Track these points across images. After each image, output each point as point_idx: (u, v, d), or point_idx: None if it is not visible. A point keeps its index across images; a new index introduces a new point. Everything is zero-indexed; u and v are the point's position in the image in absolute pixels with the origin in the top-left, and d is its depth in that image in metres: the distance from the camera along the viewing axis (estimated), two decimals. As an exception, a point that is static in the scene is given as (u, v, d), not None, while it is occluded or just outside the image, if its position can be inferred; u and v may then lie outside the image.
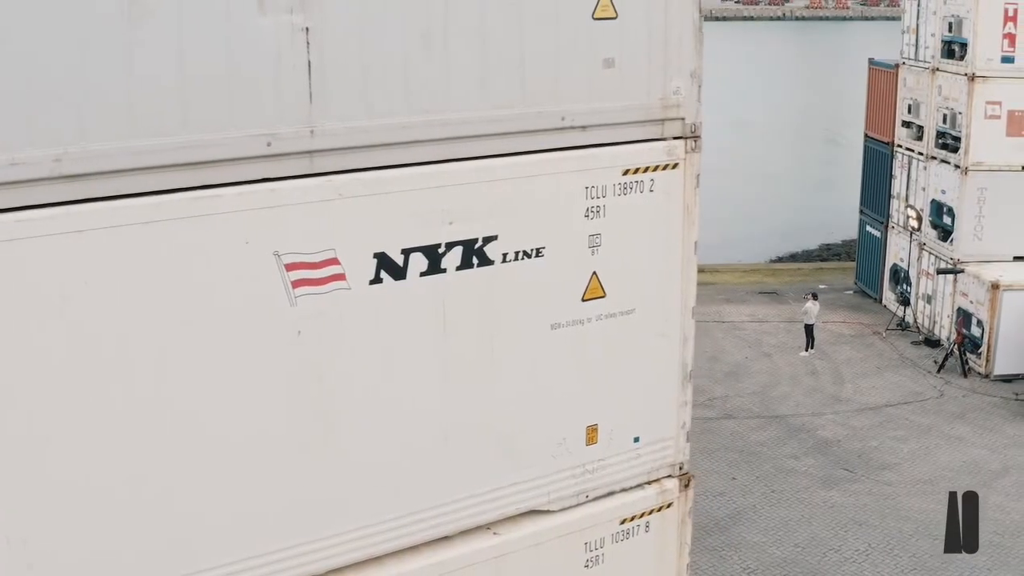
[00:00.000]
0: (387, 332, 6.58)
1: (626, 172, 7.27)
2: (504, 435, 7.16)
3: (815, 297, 26.04)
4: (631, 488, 7.91)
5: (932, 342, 25.67)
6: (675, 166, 7.48)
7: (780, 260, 40.05)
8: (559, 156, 6.99)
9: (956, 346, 24.10)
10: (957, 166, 24.93)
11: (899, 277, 27.89)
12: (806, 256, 40.38)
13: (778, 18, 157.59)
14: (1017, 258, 24.80)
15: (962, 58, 24.56)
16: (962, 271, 24.69)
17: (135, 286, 5.69)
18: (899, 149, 27.93)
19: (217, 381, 6.04)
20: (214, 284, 5.95)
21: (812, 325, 25.60)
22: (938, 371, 24.24)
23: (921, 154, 26.74)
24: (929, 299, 26.41)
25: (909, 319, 27.11)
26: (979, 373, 23.89)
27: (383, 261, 6.46)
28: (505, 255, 6.86)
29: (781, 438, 20.96)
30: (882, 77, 28.89)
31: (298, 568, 6.47)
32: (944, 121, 25.43)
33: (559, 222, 7.05)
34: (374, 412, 6.63)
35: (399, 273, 6.53)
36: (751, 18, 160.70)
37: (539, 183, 6.97)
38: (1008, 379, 23.23)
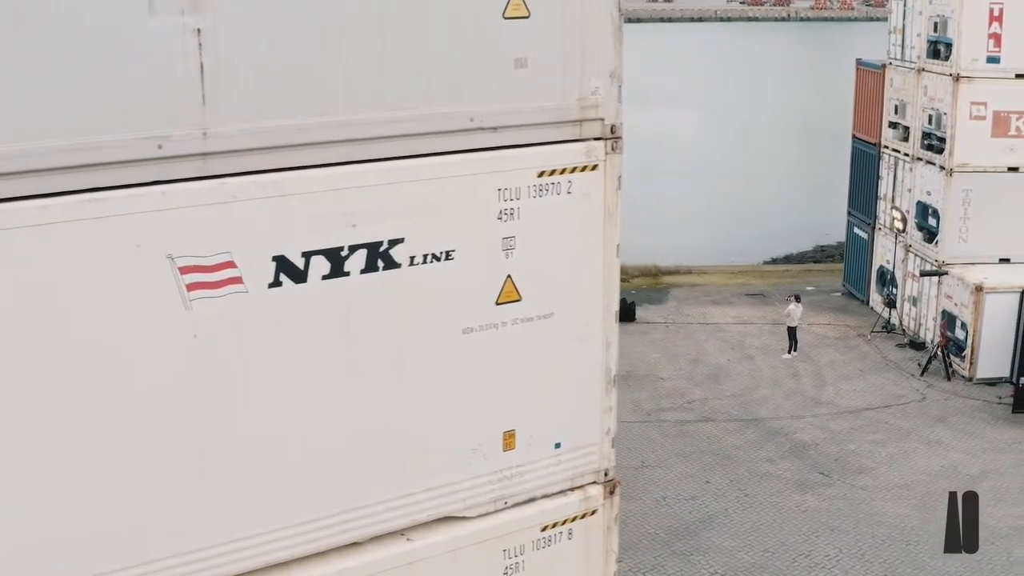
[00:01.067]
0: (289, 335, 6.46)
1: (542, 174, 7.13)
2: (415, 440, 7.03)
3: (798, 299, 25.88)
4: (553, 495, 7.77)
5: (917, 345, 25.48)
6: (595, 167, 7.33)
7: (774, 261, 39.85)
8: (469, 158, 6.85)
9: (939, 349, 23.91)
10: (942, 167, 24.75)
11: (885, 279, 27.70)
12: (800, 257, 40.20)
13: (783, 19, 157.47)
14: (1003, 260, 24.62)
15: (947, 58, 24.38)
16: (946, 273, 24.51)
17: (22, 290, 5.60)
18: (886, 150, 27.76)
19: (110, 385, 5.95)
20: (105, 287, 5.86)
21: (795, 327, 25.44)
22: (921, 374, 24.06)
23: (907, 155, 26.57)
24: (915, 301, 26.23)
25: (895, 321, 26.92)
26: (963, 376, 23.70)
27: (282, 264, 6.33)
28: (412, 258, 6.72)
29: (758, 441, 20.81)
30: (869, 78, 28.72)
31: (200, 573, 6.39)
32: (929, 122, 25.26)
33: (470, 225, 6.91)
34: (276, 416, 6.50)
35: (299, 276, 6.41)
36: (756, 19, 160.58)
37: (448, 185, 6.83)
38: (991, 382, 23.03)
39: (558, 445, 7.69)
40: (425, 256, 6.83)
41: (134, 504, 6.12)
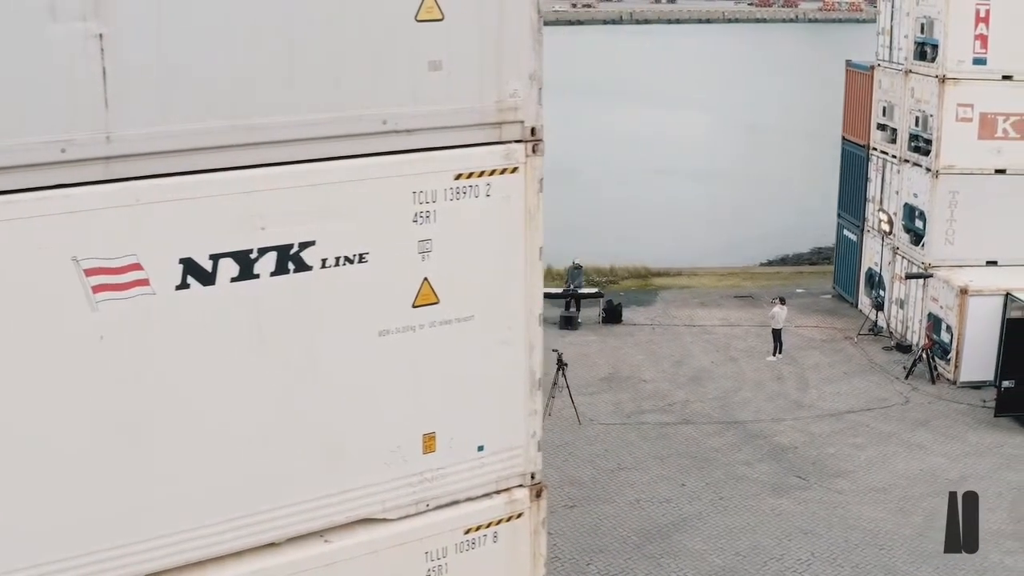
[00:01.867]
0: (198, 337, 6.47)
1: (459, 176, 7.11)
2: (332, 442, 7.02)
3: (782, 301, 25.81)
4: (477, 497, 7.76)
5: (904, 347, 25.38)
6: (515, 170, 7.32)
7: (770, 263, 39.75)
8: (382, 160, 6.84)
9: (924, 351, 23.80)
10: (928, 169, 24.64)
11: (874, 281, 27.60)
12: (796, 259, 40.09)
13: (791, 20, 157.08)
14: (990, 263, 24.50)
15: (933, 60, 24.28)
16: (931, 276, 24.40)
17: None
18: (874, 152, 27.67)
19: (15, 387, 5.98)
20: (10, 289, 5.89)
21: (780, 329, 25.37)
22: (906, 377, 23.96)
23: (895, 157, 26.47)
24: (902, 304, 26.12)
25: (882, 324, 26.82)
26: (948, 379, 23.59)
27: (190, 266, 6.35)
28: (324, 261, 6.72)
29: (736, 444, 20.75)
30: (858, 79, 28.63)
31: (113, 571, 6.41)
32: (916, 124, 25.15)
33: (384, 227, 6.90)
34: (186, 417, 6.52)
35: (208, 279, 6.41)
36: (764, 20, 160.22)
37: (361, 188, 6.83)
38: (976, 386, 22.92)
39: (481, 448, 7.67)
40: (338, 259, 6.82)
41: (41, 505, 6.16)
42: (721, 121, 73.01)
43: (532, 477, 7.97)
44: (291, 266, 6.70)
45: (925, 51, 24.65)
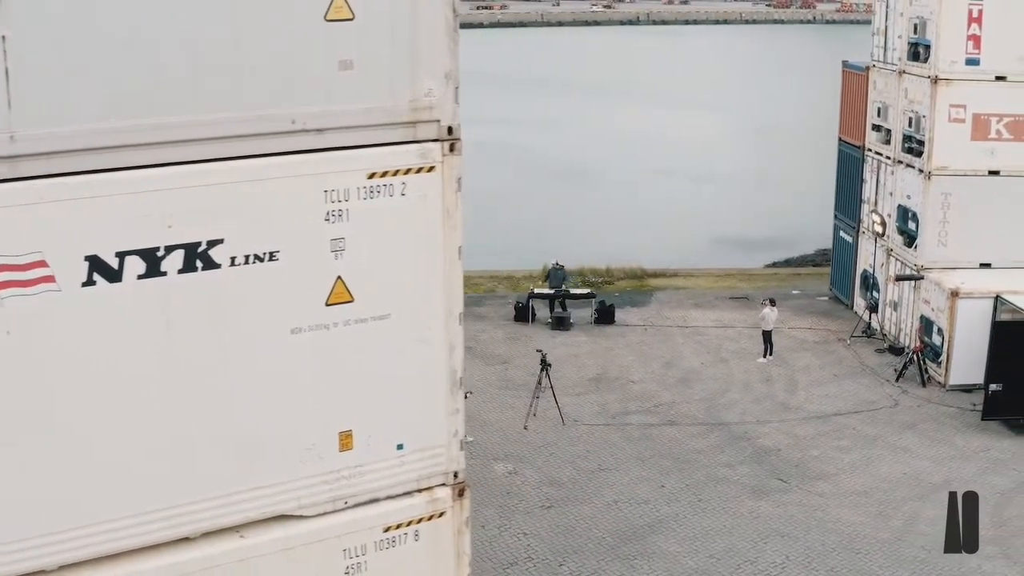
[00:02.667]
0: (105, 333, 6.55)
1: (372, 175, 7.16)
2: (244, 439, 7.08)
3: (772, 303, 25.66)
4: (397, 496, 7.81)
5: (897, 350, 25.18)
6: (431, 169, 7.36)
7: (776, 265, 39.55)
8: (292, 160, 6.90)
9: (915, 354, 23.63)
10: (921, 170, 24.46)
11: (868, 283, 27.42)
12: (800, 261, 39.85)
13: (808, 21, 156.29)
14: (983, 265, 24.29)
15: (926, 60, 24.09)
16: (922, 278, 24.21)
17: None
18: (869, 153, 27.48)
19: (-80, 382, 6.08)
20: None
21: (770, 331, 25.24)
22: (896, 380, 23.78)
23: (889, 158, 26.28)
24: (896, 306, 25.94)
25: (876, 326, 26.64)
26: (939, 382, 23.40)
27: (95, 264, 6.43)
28: (234, 259, 6.78)
29: (720, 446, 20.66)
30: (854, 80, 28.45)
31: (28, 562, 6.49)
32: (910, 125, 24.97)
33: (295, 226, 6.95)
34: (94, 412, 6.60)
35: (114, 276, 6.49)
36: (781, 21, 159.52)
37: (270, 187, 6.87)
38: (967, 389, 22.70)
39: (401, 446, 7.71)
40: (247, 257, 6.88)
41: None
42: (733, 122, 72.67)
43: (455, 476, 8.01)
44: (199, 264, 6.76)
45: (918, 51, 24.46)
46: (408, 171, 7.27)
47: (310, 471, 7.38)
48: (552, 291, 28.20)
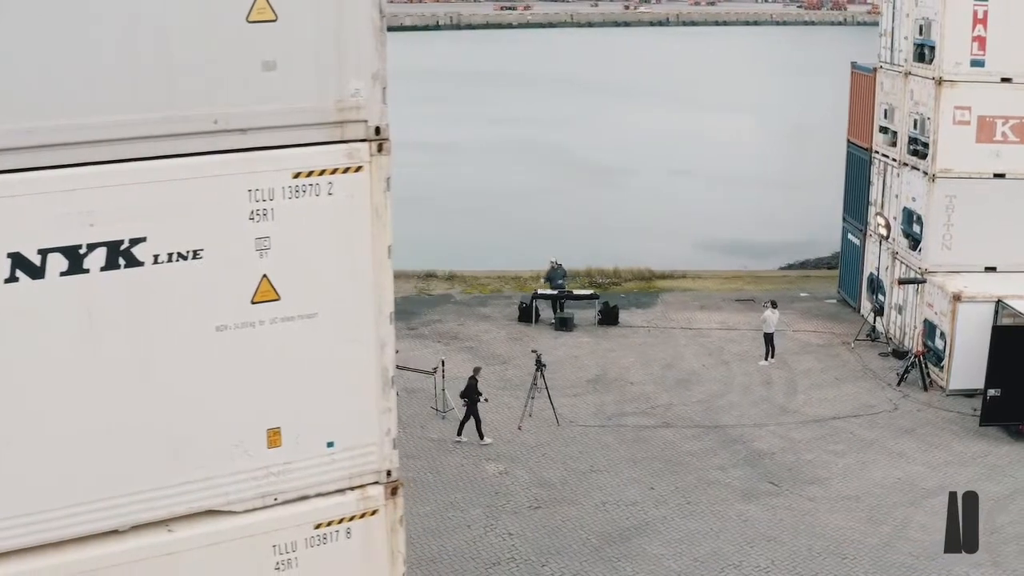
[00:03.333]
0: (28, 329, 6.65)
1: (298, 175, 7.20)
2: (170, 434, 7.14)
3: (774, 305, 25.50)
4: (328, 493, 7.85)
5: (901, 354, 24.93)
6: (359, 169, 7.40)
7: (791, 267, 39.29)
8: (215, 159, 6.94)
9: (917, 358, 23.38)
10: (925, 173, 24.20)
11: (875, 286, 27.17)
12: (816, 263, 39.52)
13: (839, 23, 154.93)
14: (988, 269, 23.99)
15: (931, 62, 23.82)
16: (924, 281, 23.96)
17: None
18: (876, 155, 27.23)
19: None
20: None
21: (771, 334, 25.08)
22: (898, 384, 23.55)
23: (895, 160, 26.03)
24: (900, 310, 25.67)
25: (881, 329, 26.39)
26: (941, 387, 23.15)
27: (18, 261, 6.52)
28: (157, 256, 6.84)
29: (713, 449, 20.56)
30: (862, 81, 28.19)
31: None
32: (915, 126, 24.71)
33: (218, 225, 7.00)
34: (20, 407, 6.70)
35: (36, 273, 6.58)
36: (812, 23, 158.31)
37: (193, 186, 6.94)
38: (969, 394, 22.41)
39: (331, 444, 7.75)
40: (171, 255, 6.94)
41: None
42: (761, 124, 72.26)
43: (388, 474, 8.03)
44: (122, 261, 6.83)
45: (923, 53, 24.20)
46: (335, 171, 7.30)
47: (238, 467, 7.42)
48: (555, 292, 28.22)
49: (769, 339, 25.09)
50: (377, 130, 7.42)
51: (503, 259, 34.50)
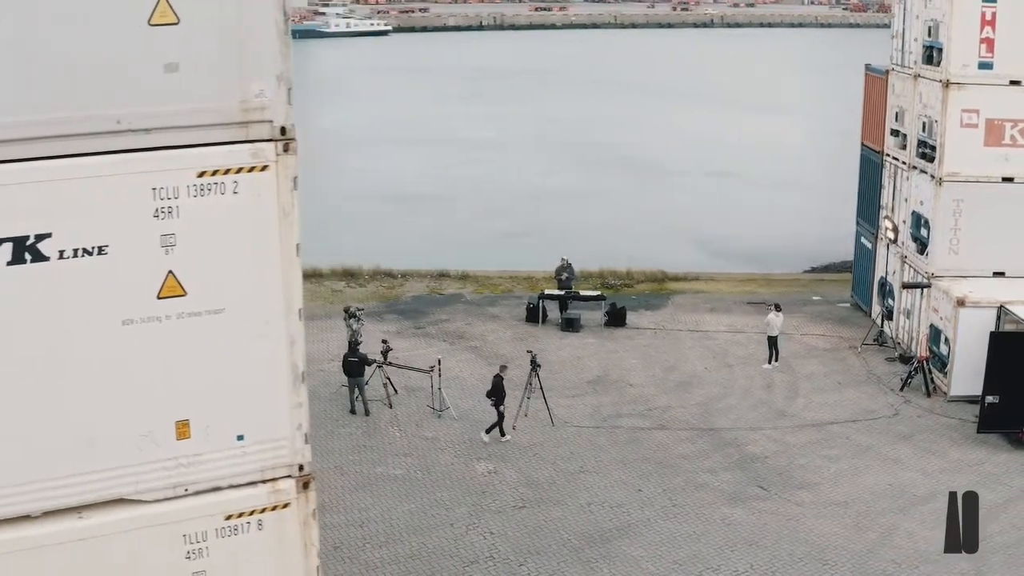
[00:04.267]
0: (-66, 322, 6.93)
1: (202, 174, 7.40)
2: (79, 424, 7.37)
3: (778, 308, 25.30)
4: (239, 485, 8.03)
5: (907, 359, 24.60)
6: (264, 168, 7.58)
7: (813, 270, 38.89)
8: (118, 158, 7.18)
9: (921, 363, 23.09)
10: (933, 176, 23.88)
11: (885, 290, 26.86)
12: (840, 267, 39.07)
13: (884, 25, 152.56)
14: (997, 274, 23.61)
15: (939, 64, 23.51)
16: (929, 285, 23.65)
17: None
18: (887, 158, 26.91)
19: None
20: None
21: (776, 337, 24.90)
22: (901, 389, 23.27)
23: (905, 163, 25.71)
24: (909, 314, 25.35)
25: (890, 333, 26.07)
26: (944, 393, 22.82)
27: (-75, 255, 6.83)
28: (62, 252, 7.09)
29: (706, 452, 20.48)
30: (875, 84, 27.87)
31: None
32: (923, 129, 24.40)
33: (123, 221, 7.23)
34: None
35: (-58, 267, 6.88)
36: (857, 25, 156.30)
37: (97, 184, 7.16)
38: (972, 400, 22.05)
39: (241, 437, 7.93)
40: (76, 250, 7.18)
41: None
42: (797, 125, 71.54)
43: (300, 468, 8.19)
44: (28, 256, 7.08)
45: (932, 55, 23.88)
46: (240, 170, 7.49)
47: (147, 457, 7.64)
48: (562, 292, 28.28)
49: (773, 342, 24.91)
50: (283, 130, 7.60)
51: (520, 259, 34.57)
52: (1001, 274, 23.57)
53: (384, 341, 22.94)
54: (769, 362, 24.87)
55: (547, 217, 44.32)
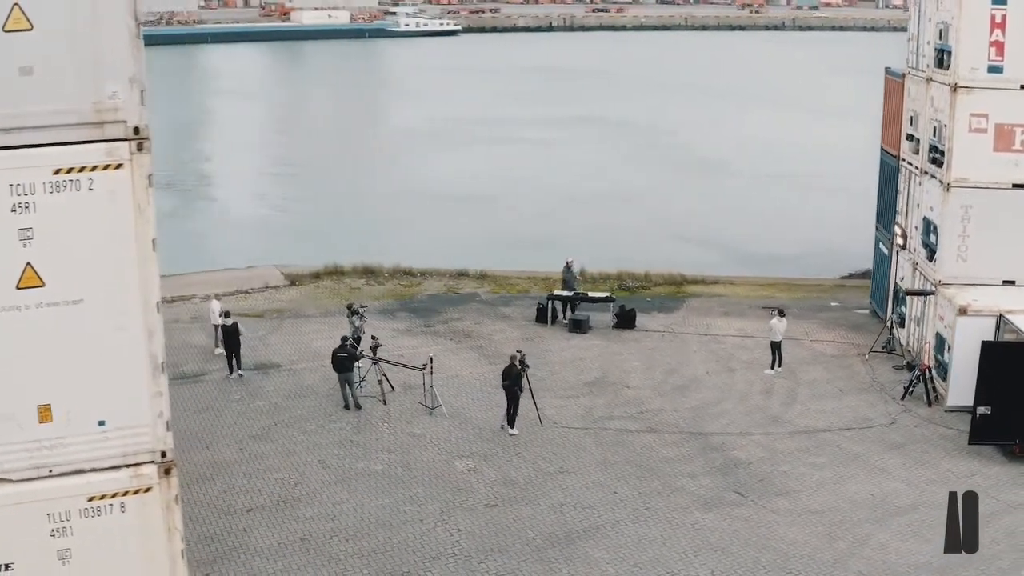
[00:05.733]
0: None
1: (58, 171, 7.82)
2: (-59, 407, 7.86)
3: (781, 313, 25.02)
4: (102, 469, 8.44)
5: (914, 367, 24.10)
6: (119, 166, 7.96)
7: (850, 276, 38.24)
8: (-27, 156, 7.63)
9: (922, 372, 22.63)
10: (942, 182, 23.37)
11: (898, 297, 26.36)
12: (865, 274, 38.32)
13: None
14: (1007, 282, 23.01)
15: (949, 67, 23.00)
16: (932, 293, 23.15)
17: None
18: (903, 163, 26.40)
19: None
20: None
21: (779, 342, 24.63)
22: (902, 398, 22.84)
23: (917, 168, 25.20)
24: (919, 321, 24.84)
25: (901, 341, 25.57)
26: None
27: None
28: (-79, 243, 7.57)
29: (690, 456, 20.39)
30: (894, 87, 27.35)
31: None
32: (934, 134, 23.90)
33: (-20, 215, 7.68)
34: None
35: None
36: (904, 29, 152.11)
37: (-46, 180, 7.63)
38: (970, 411, 21.49)
39: (102, 423, 8.35)
40: (-66, 243, 7.64)
41: None
42: (860, 129, 70.21)
43: (163, 455, 8.56)
44: None
45: (943, 58, 23.37)
46: (95, 168, 7.88)
47: (10, 439, 8.08)
48: (570, 293, 28.38)
49: (776, 348, 24.66)
50: (136, 130, 7.98)
51: (544, 259, 34.63)
52: (1011, 283, 22.97)
53: (373, 337, 23.30)
54: (771, 367, 24.62)
55: (582, 219, 44.30)
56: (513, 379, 21.16)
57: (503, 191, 50.86)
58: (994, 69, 22.42)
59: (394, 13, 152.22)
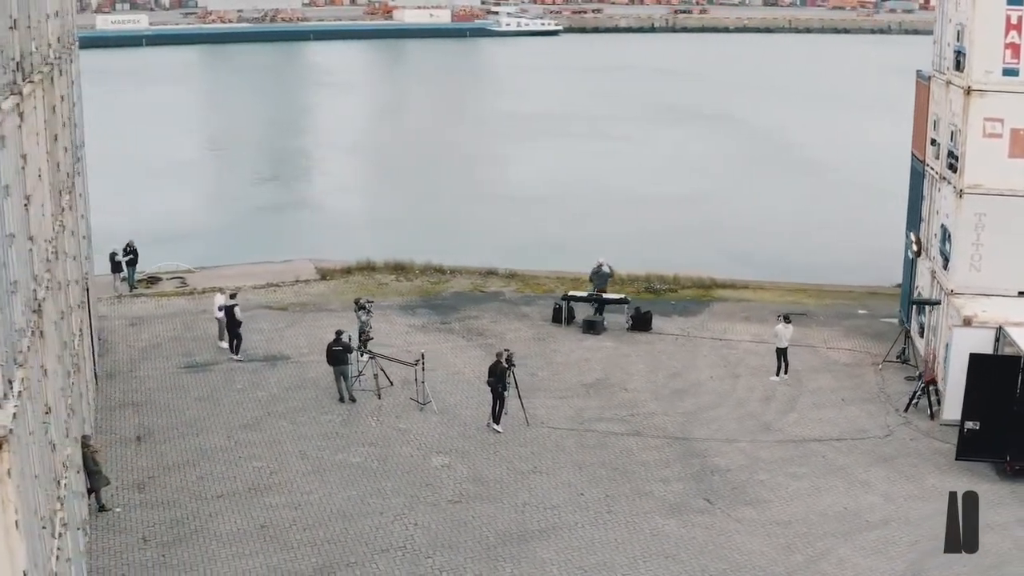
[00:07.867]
0: None
1: None
2: None
3: (787, 319, 24.46)
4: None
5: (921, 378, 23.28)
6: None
7: (899, 284, 36.92)
8: None
9: (926, 384, 21.85)
10: (956, 187, 22.50)
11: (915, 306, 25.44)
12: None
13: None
14: (1022, 293, 22.02)
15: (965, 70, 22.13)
16: (939, 303, 22.30)
17: None
18: (927, 168, 25.47)
19: None
20: None
21: (784, 349, 24.10)
22: (906, 409, 22.12)
23: (937, 174, 24.29)
24: (935, 331, 23.93)
25: (911, 351, 24.69)
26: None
27: None
28: None
29: (669, 461, 20.20)
30: (923, 90, 26.37)
31: None
32: (951, 139, 23.02)
33: None
34: None
35: None
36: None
37: None
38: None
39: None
40: None
41: None
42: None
43: (-8, 432, 9.01)
44: None
45: (959, 60, 22.49)
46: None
47: None
48: (586, 294, 28.30)
49: (781, 354, 24.15)
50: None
51: (576, 260, 34.49)
52: (1027, 294, 22.00)
53: (363, 331, 23.71)
54: (777, 374, 24.14)
55: (628, 221, 43.85)
56: (498, 376, 21.33)
57: (562, 192, 50.69)
58: (1010, 72, 21.54)
59: (496, 13, 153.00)
